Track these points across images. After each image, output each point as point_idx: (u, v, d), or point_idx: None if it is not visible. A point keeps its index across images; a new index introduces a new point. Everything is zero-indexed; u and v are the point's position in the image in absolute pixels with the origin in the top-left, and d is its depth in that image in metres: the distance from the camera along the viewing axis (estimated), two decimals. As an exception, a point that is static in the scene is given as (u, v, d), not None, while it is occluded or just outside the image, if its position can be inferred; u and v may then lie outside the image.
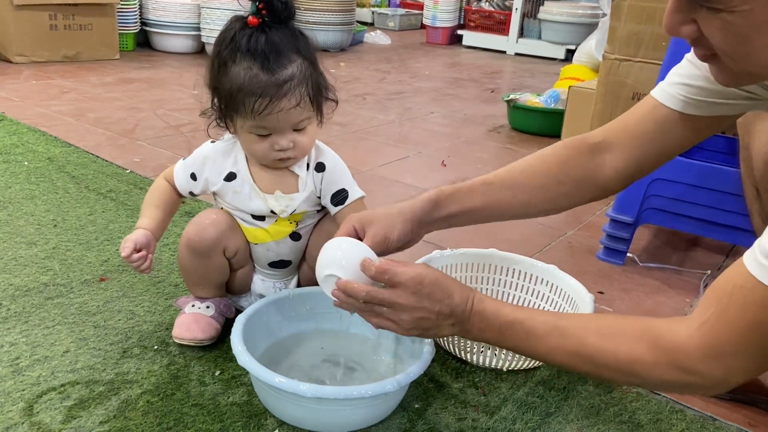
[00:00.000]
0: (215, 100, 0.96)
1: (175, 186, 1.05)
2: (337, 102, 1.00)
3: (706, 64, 0.73)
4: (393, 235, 0.89)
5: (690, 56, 0.89)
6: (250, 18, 0.90)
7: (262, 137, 0.95)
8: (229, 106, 0.94)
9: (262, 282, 1.12)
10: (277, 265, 1.10)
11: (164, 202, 1.05)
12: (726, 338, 0.65)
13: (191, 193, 1.06)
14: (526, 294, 1.22)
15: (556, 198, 0.97)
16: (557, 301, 1.17)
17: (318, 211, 1.08)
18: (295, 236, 1.07)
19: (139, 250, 0.97)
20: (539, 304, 1.20)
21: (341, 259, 0.82)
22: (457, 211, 0.93)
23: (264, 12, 0.90)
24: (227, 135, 1.03)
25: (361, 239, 0.87)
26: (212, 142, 1.04)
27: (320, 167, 1.03)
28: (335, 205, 1.04)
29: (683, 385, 0.72)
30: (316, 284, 1.11)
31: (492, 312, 0.80)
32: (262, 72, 0.90)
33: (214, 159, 1.03)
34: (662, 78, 0.93)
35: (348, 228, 0.89)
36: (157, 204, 1.05)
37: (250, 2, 0.90)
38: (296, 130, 0.96)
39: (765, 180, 0.92)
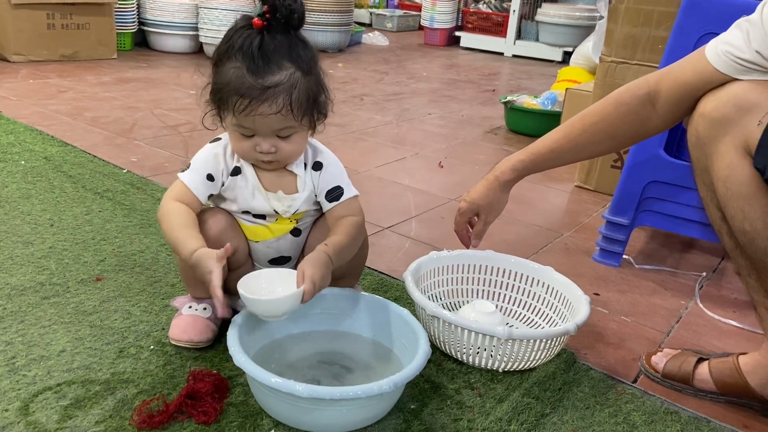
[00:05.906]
0: (211, 90, 0.98)
1: (192, 200, 1.00)
2: (326, 116, 1.00)
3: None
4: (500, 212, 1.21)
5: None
6: (255, 20, 0.91)
7: (246, 136, 0.96)
8: (218, 99, 0.96)
9: None
10: (277, 261, 1.10)
11: (193, 222, 0.98)
12: None
13: (208, 197, 1.03)
14: (522, 295, 1.23)
15: (610, 149, 1.17)
16: (553, 303, 1.18)
17: (317, 209, 1.09)
18: (295, 232, 1.08)
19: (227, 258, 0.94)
20: (535, 306, 1.21)
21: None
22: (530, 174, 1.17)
23: (268, 17, 0.90)
24: (224, 135, 1.03)
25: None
26: (211, 142, 1.04)
27: (317, 166, 1.04)
28: (329, 201, 1.05)
29: None
30: None
31: None
32: (247, 73, 0.91)
33: (219, 154, 1.02)
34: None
35: (466, 218, 1.20)
36: (187, 224, 0.97)
37: (260, 2, 0.91)
38: (280, 136, 0.96)
39: (730, 205, 0.90)
